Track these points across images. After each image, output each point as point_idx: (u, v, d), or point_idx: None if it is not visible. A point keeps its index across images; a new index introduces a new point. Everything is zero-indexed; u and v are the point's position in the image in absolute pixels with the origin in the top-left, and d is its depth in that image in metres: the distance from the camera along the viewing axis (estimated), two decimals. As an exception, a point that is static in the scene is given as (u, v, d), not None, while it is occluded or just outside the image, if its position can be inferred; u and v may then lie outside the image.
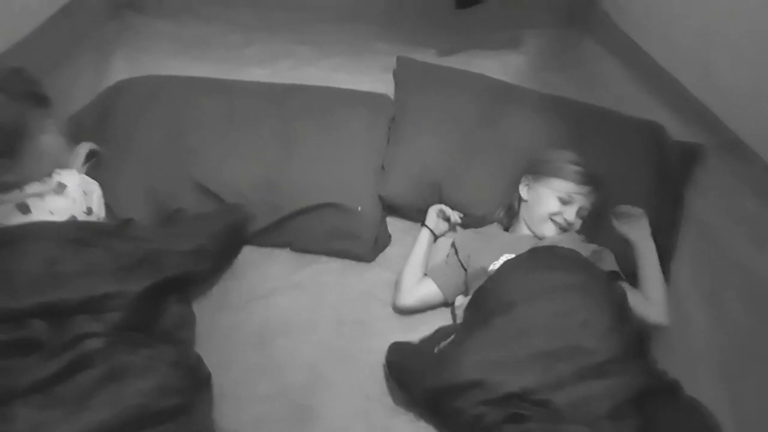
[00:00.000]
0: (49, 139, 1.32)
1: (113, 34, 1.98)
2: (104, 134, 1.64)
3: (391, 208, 1.72)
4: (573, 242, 1.49)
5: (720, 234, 1.52)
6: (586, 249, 1.48)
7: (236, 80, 1.81)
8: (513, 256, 1.44)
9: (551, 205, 1.52)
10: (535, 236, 1.54)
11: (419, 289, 1.53)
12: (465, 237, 1.60)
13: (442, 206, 1.65)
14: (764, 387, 1.26)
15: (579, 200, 1.52)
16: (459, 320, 1.46)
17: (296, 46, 2.02)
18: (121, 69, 1.88)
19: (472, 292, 1.46)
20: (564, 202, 1.51)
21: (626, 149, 1.71)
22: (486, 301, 1.35)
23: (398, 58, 1.93)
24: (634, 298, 1.41)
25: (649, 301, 1.47)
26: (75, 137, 1.57)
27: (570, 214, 1.51)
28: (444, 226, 1.66)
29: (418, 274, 1.55)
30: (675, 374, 1.28)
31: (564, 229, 1.51)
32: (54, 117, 1.34)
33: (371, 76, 1.95)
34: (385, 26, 2.09)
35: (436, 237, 1.65)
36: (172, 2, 2.08)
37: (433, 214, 1.65)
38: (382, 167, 1.71)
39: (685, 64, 1.70)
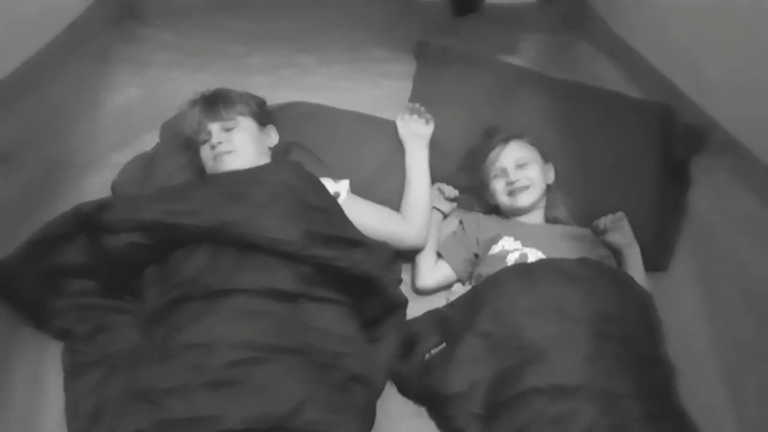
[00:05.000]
0: None
1: (116, 45, 2.00)
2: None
3: None
4: (584, 242, 1.49)
5: (719, 234, 1.54)
6: (595, 251, 1.47)
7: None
8: (512, 239, 1.47)
9: (499, 185, 1.55)
10: (520, 215, 1.55)
11: (436, 271, 1.54)
12: (471, 215, 1.63)
13: (438, 185, 1.66)
14: (766, 388, 1.27)
15: (509, 160, 1.54)
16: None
17: (297, 54, 2.05)
18: (124, 80, 1.91)
19: (476, 274, 1.48)
20: (502, 173, 1.54)
21: (634, 130, 1.73)
22: (479, 305, 1.33)
23: (418, 43, 1.98)
24: None
25: None
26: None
27: (515, 175, 1.53)
28: (446, 205, 1.67)
29: (433, 255, 1.56)
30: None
31: (523, 188, 1.52)
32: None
33: (371, 83, 1.97)
34: (385, 34, 2.12)
35: (445, 215, 1.66)
36: (174, 13, 2.11)
37: (434, 193, 1.65)
38: None
39: (678, 66, 1.73)
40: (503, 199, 1.56)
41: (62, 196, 1.52)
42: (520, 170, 1.54)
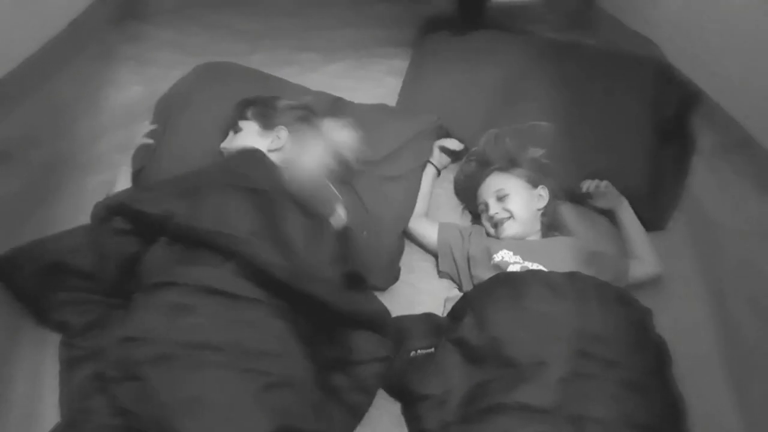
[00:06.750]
0: None
1: (118, 44, 2.00)
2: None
3: None
4: (570, 251, 1.46)
5: (727, 236, 1.54)
6: (581, 255, 1.45)
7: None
8: (511, 253, 1.45)
9: (484, 218, 1.57)
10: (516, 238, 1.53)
11: (422, 224, 1.59)
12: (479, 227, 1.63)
13: (442, 141, 1.74)
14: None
15: (489, 193, 1.56)
16: (446, 312, 1.44)
17: (300, 52, 2.04)
18: (126, 78, 1.90)
19: (470, 279, 1.48)
20: (485, 208, 1.56)
21: (625, 85, 1.75)
22: (465, 312, 1.33)
23: (420, 28, 2.07)
24: (633, 268, 1.49)
25: (641, 259, 1.52)
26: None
27: (494, 208, 1.54)
28: (446, 159, 1.75)
29: (422, 207, 1.62)
30: (678, 378, 1.27)
31: (504, 220, 1.51)
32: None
33: (375, 81, 1.97)
34: (389, 31, 2.12)
35: (439, 172, 1.73)
36: (176, 11, 2.10)
37: (435, 150, 1.72)
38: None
39: (693, 63, 1.72)
40: (490, 231, 1.56)
41: (64, 195, 1.53)
42: (500, 202, 1.54)
